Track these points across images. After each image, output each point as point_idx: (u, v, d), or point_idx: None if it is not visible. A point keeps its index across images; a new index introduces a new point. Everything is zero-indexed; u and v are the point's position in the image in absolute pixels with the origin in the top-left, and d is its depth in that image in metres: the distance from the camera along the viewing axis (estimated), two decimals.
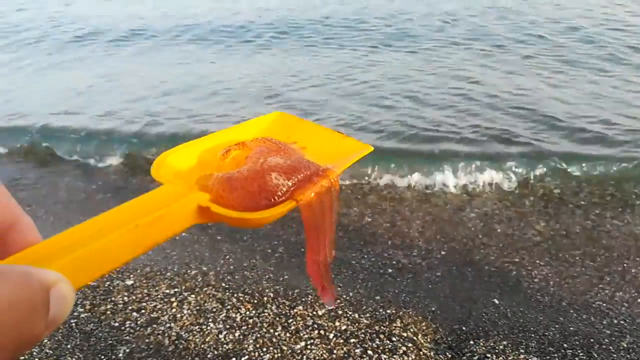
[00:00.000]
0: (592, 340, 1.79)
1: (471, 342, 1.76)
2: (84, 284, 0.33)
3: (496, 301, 2.00)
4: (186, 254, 2.32)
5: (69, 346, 1.76)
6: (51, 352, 1.74)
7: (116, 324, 1.86)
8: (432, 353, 1.71)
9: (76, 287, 0.30)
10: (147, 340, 1.77)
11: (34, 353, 1.74)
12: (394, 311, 1.91)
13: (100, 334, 1.81)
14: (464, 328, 1.84)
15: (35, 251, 0.32)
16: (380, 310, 1.92)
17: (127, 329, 1.84)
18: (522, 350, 1.72)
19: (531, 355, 1.69)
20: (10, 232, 0.36)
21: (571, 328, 1.85)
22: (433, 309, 1.94)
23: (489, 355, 1.69)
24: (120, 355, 1.71)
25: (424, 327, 1.83)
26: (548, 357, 1.69)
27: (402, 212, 2.75)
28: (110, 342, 1.77)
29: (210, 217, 0.40)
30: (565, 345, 1.76)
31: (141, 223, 0.35)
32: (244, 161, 0.47)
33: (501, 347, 1.74)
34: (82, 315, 1.91)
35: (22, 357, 1.72)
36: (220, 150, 0.51)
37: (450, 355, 1.70)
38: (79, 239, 0.33)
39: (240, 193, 0.42)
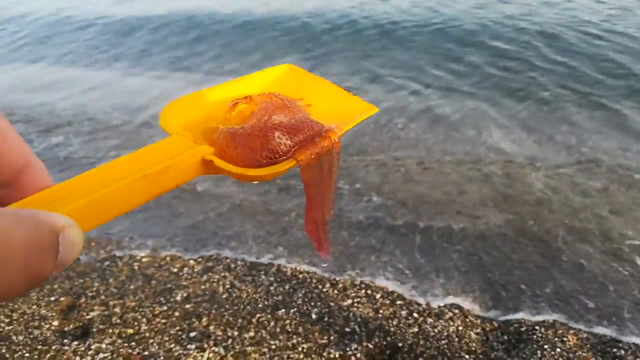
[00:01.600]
0: None
1: (521, 314, 1.74)
2: (92, 228, 0.34)
3: (556, 271, 1.96)
4: (245, 216, 2.40)
5: (131, 287, 1.89)
6: (116, 290, 1.88)
7: (175, 270, 1.97)
8: (478, 321, 1.71)
9: (84, 230, 0.31)
10: (202, 287, 1.87)
11: (101, 291, 1.88)
12: (442, 277, 1.92)
13: (160, 278, 1.93)
14: (515, 302, 1.82)
15: (47, 195, 0.33)
16: (429, 275, 1.93)
17: (185, 275, 1.95)
18: (572, 324, 1.69)
19: (581, 330, 1.66)
20: (22, 174, 0.36)
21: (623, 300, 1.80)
22: (489, 275, 1.93)
23: (537, 327, 1.67)
24: (178, 298, 1.82)
25: (472, 297, 1.83)
26: (600, 335, 1.65)
27: (458, 176, 2.71)
28: (170, 286, 1.89)
29: (213, 170, 0.41)
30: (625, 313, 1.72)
31: (148, 173, 0.36)
32: (250, 116, 0.48)
33: (551, 320, 1.71)
34: (144, 260, 2.04)
35: (90, 293, 1.87)
36: (227, 102, 0.51)
37: (497, 325, 1.70)
38: (88, 185, 0.34)
39: (242, 150, 0.42)
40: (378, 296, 1.81)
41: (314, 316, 1.72)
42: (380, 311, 1.74)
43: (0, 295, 0.26)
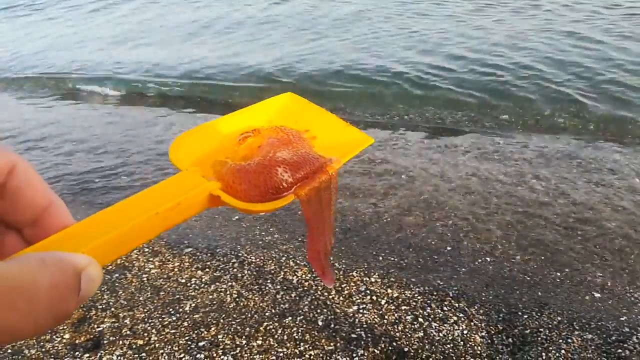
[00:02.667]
0: None
1: (525, 316, 1.76)
2: (109, 262, 0.38)
3: (558, 274, 1.98)
4: (251, 217, 2.43)
5: (141, 298, 1.92)
6: (125, 302, 1.91)
7: (183, 281, 2.00)
8: (483, 324, 1.73)
9: (102, 264, 0.35)
10: (210, 297, 1.90)
11: (111, 303, 1.91)
12: (445, 282, 1.94)
13: (169, 289, 1.96)
14: (519, 305, 1.84)
15: (68, 234, 0.37)
16: (434, 280, 1.95)
17: (193, 285, 1.98)
18: (576, 327, 1.70)
19: (586, 332, 1.68)
20: (45, 214, 0.39)
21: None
22: (492, 278, 1.95)
23: (541, 329, 1.68)
24: (187, 308, 1.85)
25: (477, 301, 1.85)
26: (605, 336, 1.67)
27: (454, 177, 2.73)
28: (178, 296, 1.92)
29: (220, 203, 0.45)
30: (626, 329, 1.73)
31: (161, 210, 0.40)
32: (257, 150, 0.51)
33: (555, 322, 1.73)
34: (152, 271, 2.07)
35: (100, 306, 1.90)
36: (235, 134, 0.54)
37: (501, 327, 1.71)
38: (106, 224, 0.38)
39: (247, 185, 0.46)
40: (383, 302, 1.83)
41: (320, 323, 1.74)
42: (386, 317, 1.76)
43: (28, 334, 0.29)
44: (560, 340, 1.62)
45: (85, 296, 0.32)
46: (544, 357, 1.55)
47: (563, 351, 1.57)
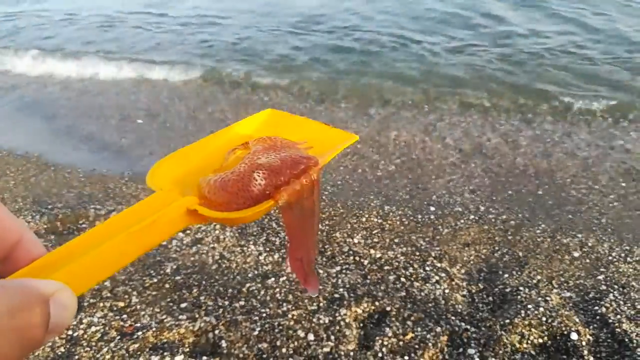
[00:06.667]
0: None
1: (505, 275, 1.78)
2: (87, 289, 0.35)
3: (539, 230, 2.00)
4: None
5: None
6: None
7: (164, 243, 1.98)
8: (464, 284, 1.75)
9: (79, 292, 0.33)
10: (192, 259, 1.88)
11: None
12: (428, 242, 1.95)
13: (150, 252, 1.93)
14: (499, 264, 1.86)
15: (38, 264, 0.35)
16: (416, 240, 1.96)
17: (174, 247, 1.95)
18: (555, 285, 1.73)
19: (564, 291, 1.71)
20: (16, 248, 0.38)
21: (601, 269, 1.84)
22: (470, 239, 1.96)
23: (521, 287, 1.71)
24: (168, 270, 1.83)
25: (459, 259, 1.86)
26: (583, 294, 1.70)
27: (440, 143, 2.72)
28: (159, 258, 1.90)
29: (200, 218, 0.43)
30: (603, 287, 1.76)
31: (133, 230, 0.38)
32: (241, 160, 0.49)
33: (535, 281, 1.75)
34: None
35: None
36: (217, 152, 0.53)
37: (482, 287, 1.73)
38: (78, 249, 0.36)
39: (222, 194, 0.44)
40: (366, 262, 1.83)
41: None
42: (369, 277, 1.76)
43: None
44: (539, 299, 1.65)
45: (60, 323, 0.30)
46: (523, 315, 1.58)
47: (542, 309, 1.60)
